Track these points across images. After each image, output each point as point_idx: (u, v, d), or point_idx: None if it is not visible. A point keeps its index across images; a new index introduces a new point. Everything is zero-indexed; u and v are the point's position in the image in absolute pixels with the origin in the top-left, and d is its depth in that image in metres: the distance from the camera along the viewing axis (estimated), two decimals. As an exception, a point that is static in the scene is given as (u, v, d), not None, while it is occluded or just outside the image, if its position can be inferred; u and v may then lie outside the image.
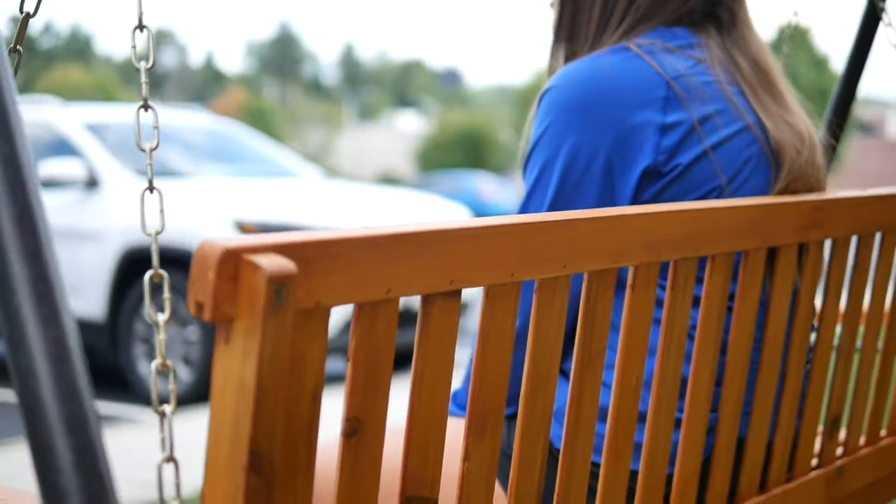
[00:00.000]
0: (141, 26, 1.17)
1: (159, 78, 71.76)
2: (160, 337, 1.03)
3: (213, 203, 6.93)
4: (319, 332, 1.02)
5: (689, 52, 1.54)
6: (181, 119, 8.47)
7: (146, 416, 6.54)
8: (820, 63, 58.94)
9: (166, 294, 1.06)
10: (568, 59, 1.61)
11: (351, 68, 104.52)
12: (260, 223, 6.65)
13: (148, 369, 6.83)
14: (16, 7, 1.28)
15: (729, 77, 1.55)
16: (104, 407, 6.72)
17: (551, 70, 1.64)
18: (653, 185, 1.47)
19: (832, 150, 1.97)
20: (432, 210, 7.53)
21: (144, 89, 1.18)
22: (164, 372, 1.02)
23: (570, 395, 1.31)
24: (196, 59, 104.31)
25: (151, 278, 1.07)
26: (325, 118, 64.38)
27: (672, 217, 1.35)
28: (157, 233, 1.11)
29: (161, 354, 1.02)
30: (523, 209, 1.52)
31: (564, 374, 1.50)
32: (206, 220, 6.74)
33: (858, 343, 1.82)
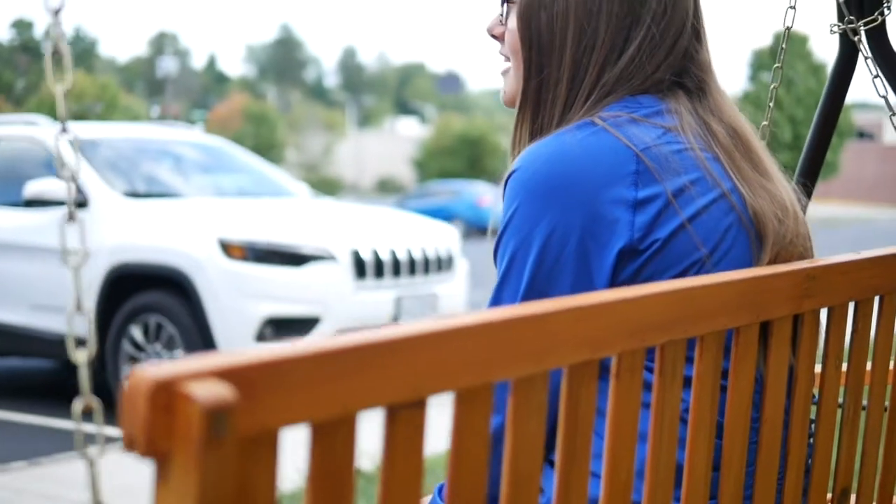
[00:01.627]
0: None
1: (160, 83, 71.70)
2: (93, 472, 0.93)
3: (199, 222, 6.84)
4: (269, 459, 0.93)
5: (657, 120, 1.46)
6: (171, 136, 8.39)
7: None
8: (818, 70, 58.97)
9: (98, 429, 0.96)
10: (533, 136, 1.53)
11: (352, 72, 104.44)
12: (245, 242, 6.57)
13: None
14: (18, 12, 1.19)
15: (702, 143, 1.47)
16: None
17: (514, 146, 1.57)
18: (631, 263, 1.39)
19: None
20: (417, 229, 7.44)
21: (71, 159, 1.09)
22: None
23: (556, 491, 1.22)
24: (197, 62, 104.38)
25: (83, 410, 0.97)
26: (326, 124, 64.36)
27: (655, 300, 1.26)
28: (89, 359, 1.02)
29: (95, 493, 0.93)
30: (496, 299, 1.44)
31: (552, 464, 1.41)
32: (190, 239, 6.66)
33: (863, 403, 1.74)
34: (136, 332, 6.76)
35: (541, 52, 1.50)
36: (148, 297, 6.77)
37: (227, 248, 6.53)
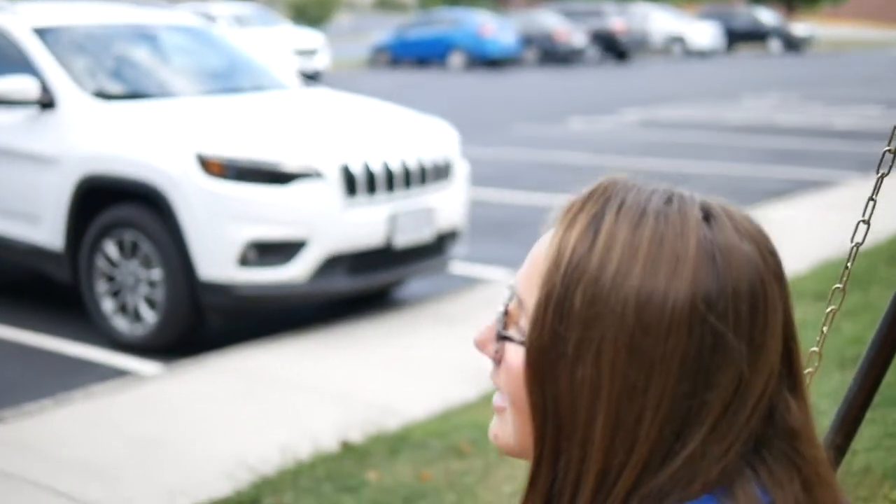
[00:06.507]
0: None
1: None
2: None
3: (175, 132, 6.25)
4: None
5: None
6: (147, 18, 7.67)
7: (112, 358, 6.06)
8: None
9: None
10: None
11: None
12: (225, 159, 6.00)
13: (113, 308, 6.31)
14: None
15: None
16: (72, 348, 6.24)
17: None
18: None
19: None
20: (411, 132, 6.83)
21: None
22: None
23: None
24: None
25: None
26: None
27: None
28: None
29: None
30: None
31: None
32: (166, 152, 6.08)
33: None
34: (111, 248, 6.28)
35: (558, 429, 0.97)
36: (122, 212, 6.26)
37: (206, 164, 5.97)
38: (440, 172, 6.74)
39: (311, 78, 27.47)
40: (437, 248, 6.77)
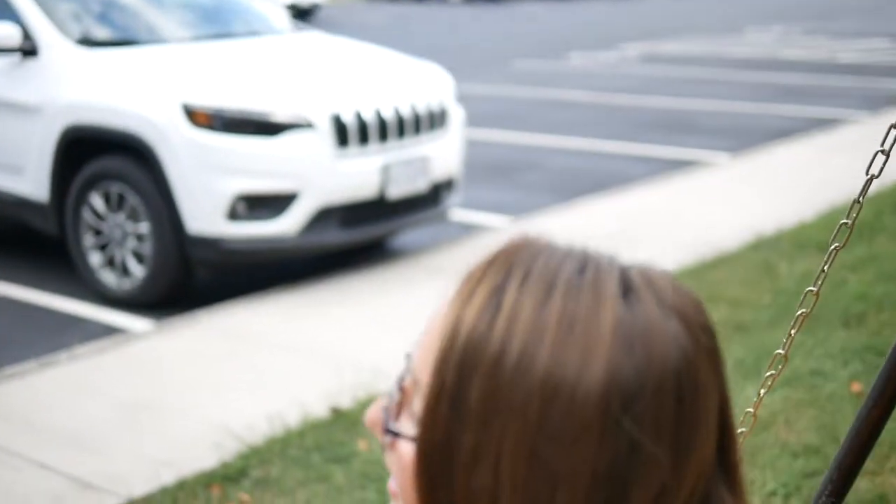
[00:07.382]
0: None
1: None
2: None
3: (160, 81, 6.05)
4: None
5: None
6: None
7: (100, 313, 5.93)
8: None
9: None
10: None
11: None
12: (213, 109, 5.80)
13: (100, 262, 6.16)
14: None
15: None
16: (60, 303, 6.10)
17: None
18: None
19: None
20: (405, 77, 6.63)
21: None
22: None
23: None
24: None
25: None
26: None
27: None
28: None
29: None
30: None
31: None
32: (151, 101, 5.89)
33: None
34: (97, 200, 6.11)
35: None
36: (108, 163, 6.09)
37: (192, 115, 5.78)
38: (435, 120, 6.55)
39: (308, 12, 27.08)
40: (432, 198, 6.60)
